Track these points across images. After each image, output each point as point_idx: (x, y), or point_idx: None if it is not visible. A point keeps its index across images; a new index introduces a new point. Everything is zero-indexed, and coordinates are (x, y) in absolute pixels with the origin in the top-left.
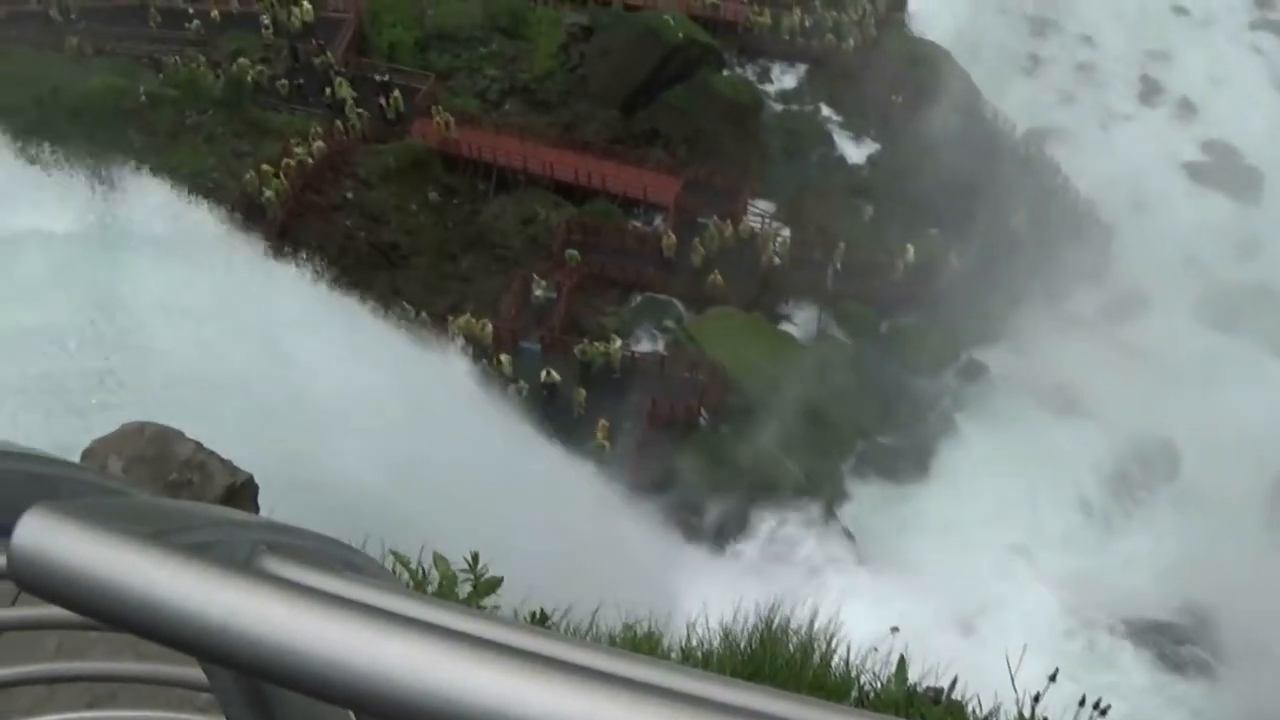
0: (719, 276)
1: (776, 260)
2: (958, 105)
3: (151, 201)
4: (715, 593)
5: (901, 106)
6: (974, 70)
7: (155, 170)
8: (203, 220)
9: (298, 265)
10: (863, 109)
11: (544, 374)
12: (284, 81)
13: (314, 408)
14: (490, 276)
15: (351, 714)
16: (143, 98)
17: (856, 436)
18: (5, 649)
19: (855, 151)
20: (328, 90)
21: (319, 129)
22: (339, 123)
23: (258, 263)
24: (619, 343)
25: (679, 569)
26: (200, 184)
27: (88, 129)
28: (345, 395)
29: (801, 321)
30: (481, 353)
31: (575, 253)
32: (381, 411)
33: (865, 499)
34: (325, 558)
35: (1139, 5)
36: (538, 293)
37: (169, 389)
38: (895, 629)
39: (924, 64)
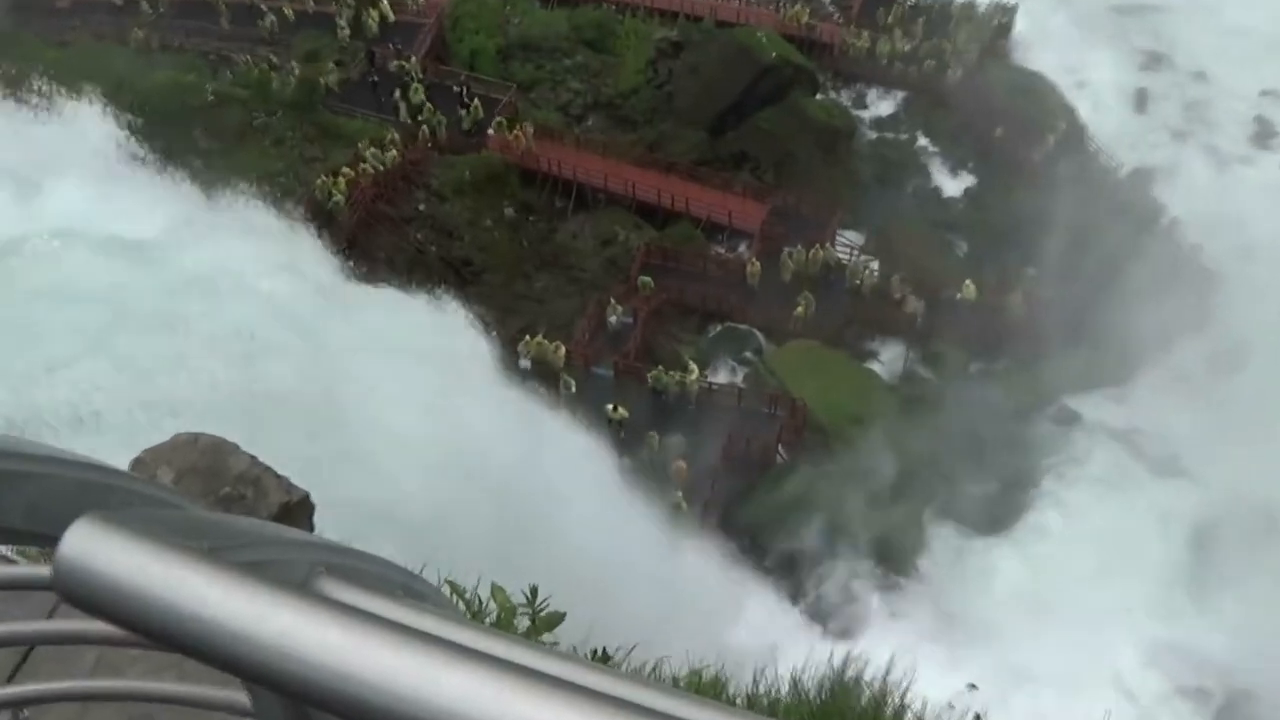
0: (803, 308)
1: (864, 294)
2: (1061, 140)
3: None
4: (784, 639)
5: (1002, 139)
6: (1079, 104)
7: (223, 173)
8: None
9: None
10: (961, 140)
11: (610, 409)
12: (359, 86)
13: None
14: (564, 298)
15: None
16: (210, 96)
17: (940, 483)
18: (40, 663)
19: (951, 184)
20: (403, 96)
21: (393, 136)
22: (420, 130)
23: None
24: (695, 373)
25: (748, 613)
26: (269, 188)
27: (151, 126)
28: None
29: (887, 359)
30: (551, 376)
31: (649, 280)
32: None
33: (946, 549)
34: (385, 582)
35: (1256, 42)
36: (613, 318)
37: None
38: (973, 686)
39: (1027, 95)
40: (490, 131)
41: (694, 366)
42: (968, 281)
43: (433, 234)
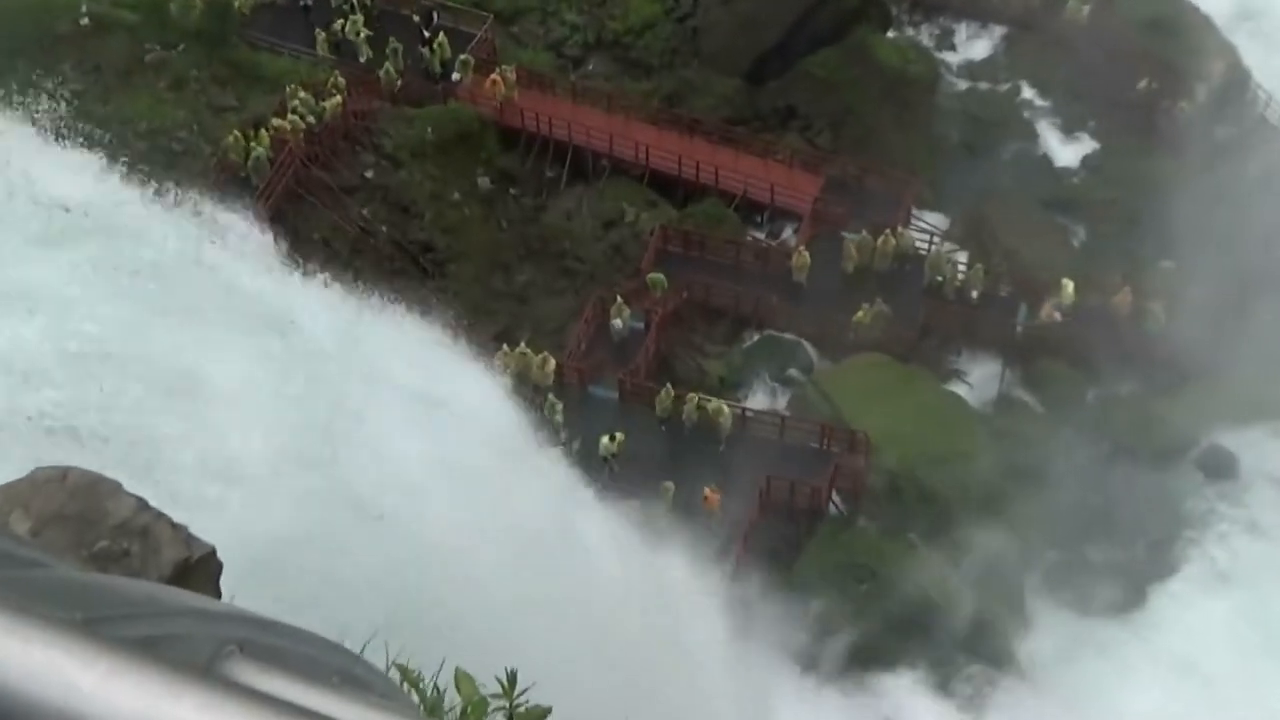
0: (867, 312)
1: (946, 294)
2: (1216, 91)
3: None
4: None
5: (1136, 91)
6: (1243, 41)
7: (100, 123)
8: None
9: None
10: (1079, 91)
11: (606, 441)
12: (287, 12)
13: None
14: (554, 297)
15: None
16: (85, 20)
17: (1047, 545)
18: None
19: (1065, 150)
20: (344, 27)
21: (334, 80)
22: (374, 74)
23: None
24: (722, 405)
25: (789, 712)
26: (165, 145)
27: (1, 58)
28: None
29: (978, 381)
30: (536, 396)
31: (660, 277)
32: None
33: (1057, 632)
34: (316, 666)
35: None
36: (618, 323)
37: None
38: None
39: (1170, 31)
40: (459, 77)
41: (721, 385)
42: (1066, 281)
43: (384, 210)
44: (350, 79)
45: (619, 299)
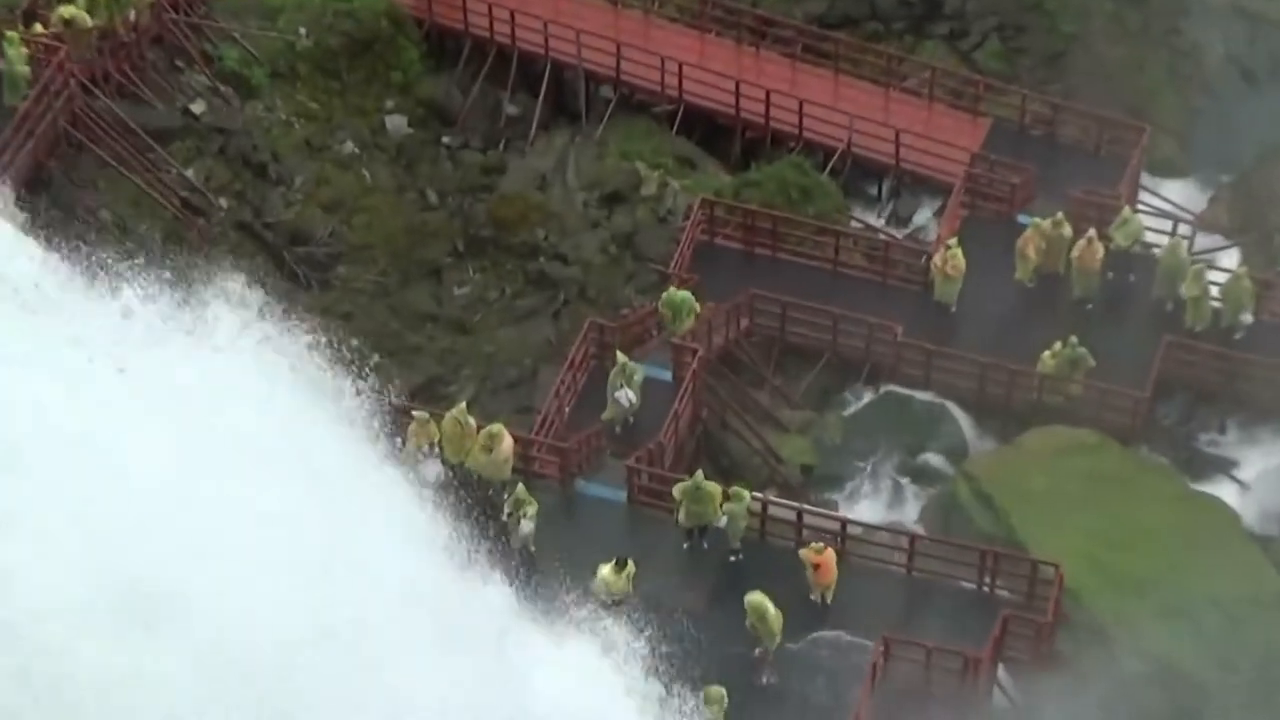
0: (1059, 354)
1: (1197, 324)
2: None
3: None
4: None
5: None
6: None
7: None
8: None
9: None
10: None
11: (606, 574)
12: None
13: None
14: (518, 324)
15: None
16: None
17: None
18: None
19: None
20: None
21: None
22: None
23: None
24: (798, 511)
25: None
26: None
27: None
28: None
29: (1258, 479)
30: (482, 495)
31: (687, 298)
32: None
33: None
34: None
35: None
36: (625, 394)
37: None
38: None
39: None
40: None
41: (806, 480)
42: None
43: (224, 169)
44: None
45: (626, 329)
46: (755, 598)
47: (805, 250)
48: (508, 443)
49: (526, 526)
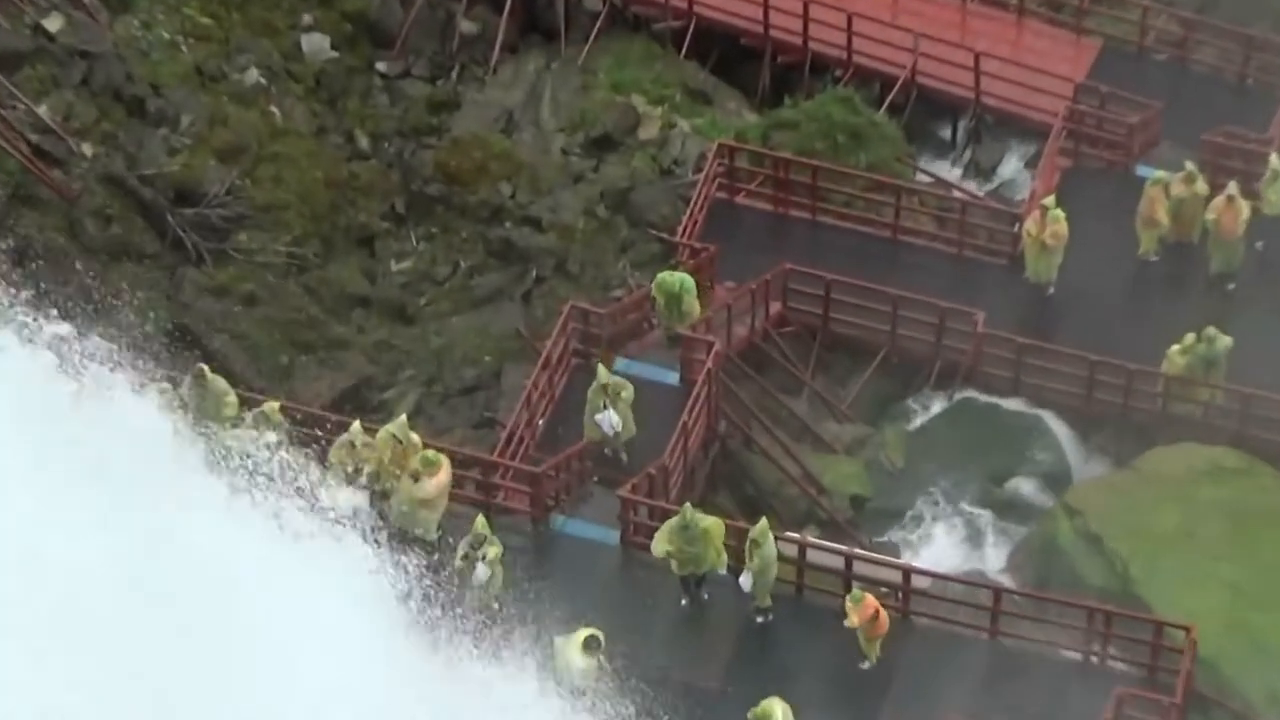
0: (1191, 348)
1: None
2: None
3: None
4: None
5: None
6: None
7: None
8: None
9: None
10: None
11: (578, 658)
12: None
13: None
14: (474, 311)
15: None
16: None
17: None
18: None
19: None
20: None
21: None
22: None
23: None
24: (843, 552)
25: None
26: None
27: None
28: None
29: None
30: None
31: (681, 277)
32: None
33: None
34: None
35: None
36: (608, 416)
37: None
38: None
39: None
40: None
41: (855, 514)
42: None
43: (86, 106)
44: None
45: (622, 304)
46: (765, 707)
47: (856, 212)
48: (443, 477)
49: (483, 573)
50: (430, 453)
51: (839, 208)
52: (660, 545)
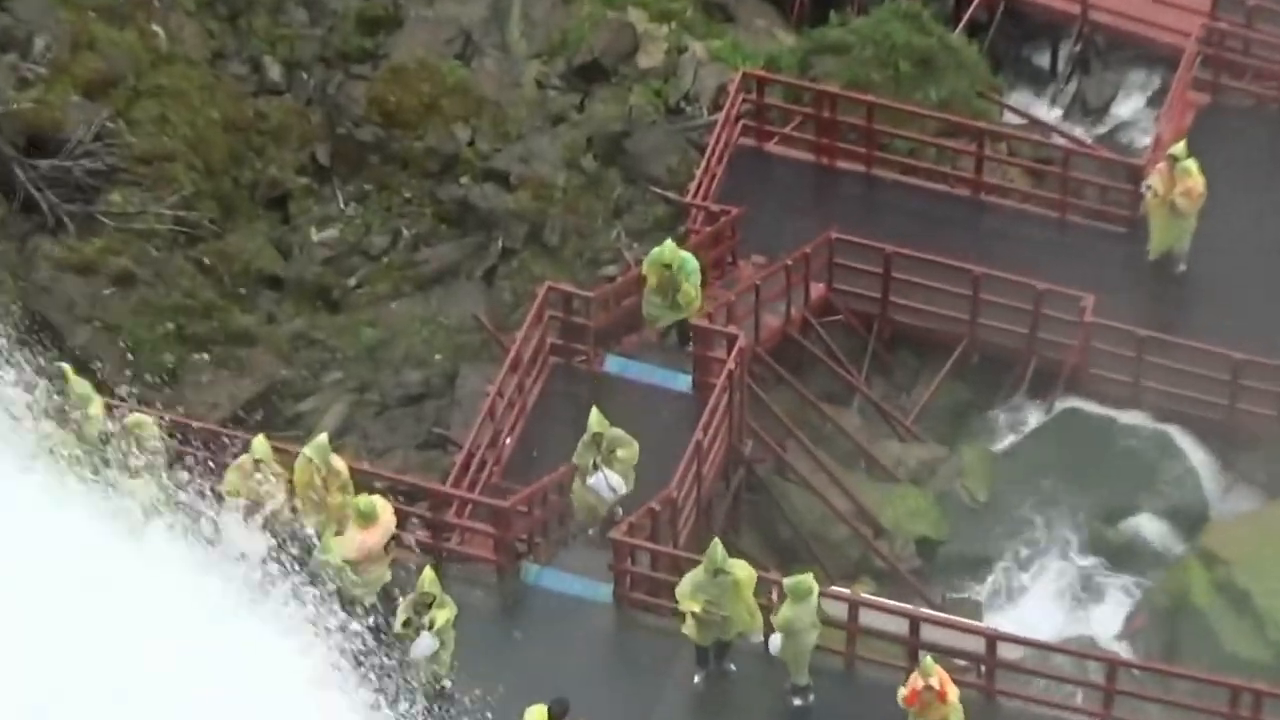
0: None
1: None
2: None
3: None
4: None
5: None
6: None
7: None
8: None
9: None
10: None
11: None
12: None
13: None
14: (421, 290)
15: None
16: None
17: None
18: None
19: None
20: None
21: None
22: None
23: None
24: (912, 612)
25: None
26: None
27: None
28: None
29: None
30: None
31: (685, 257)
32: None
33: None
34: None
35: None
36: (601, 478)
37: None
38: None
39: None
40: None
41: (924, 562)
42: None
43: None
44: None
45: (613, 324)
46: None
47: (924, 163)
48: (384, 522)
49: (429, 644)
50: (365, 500)
51: (902, 158)
52: (688, 601)
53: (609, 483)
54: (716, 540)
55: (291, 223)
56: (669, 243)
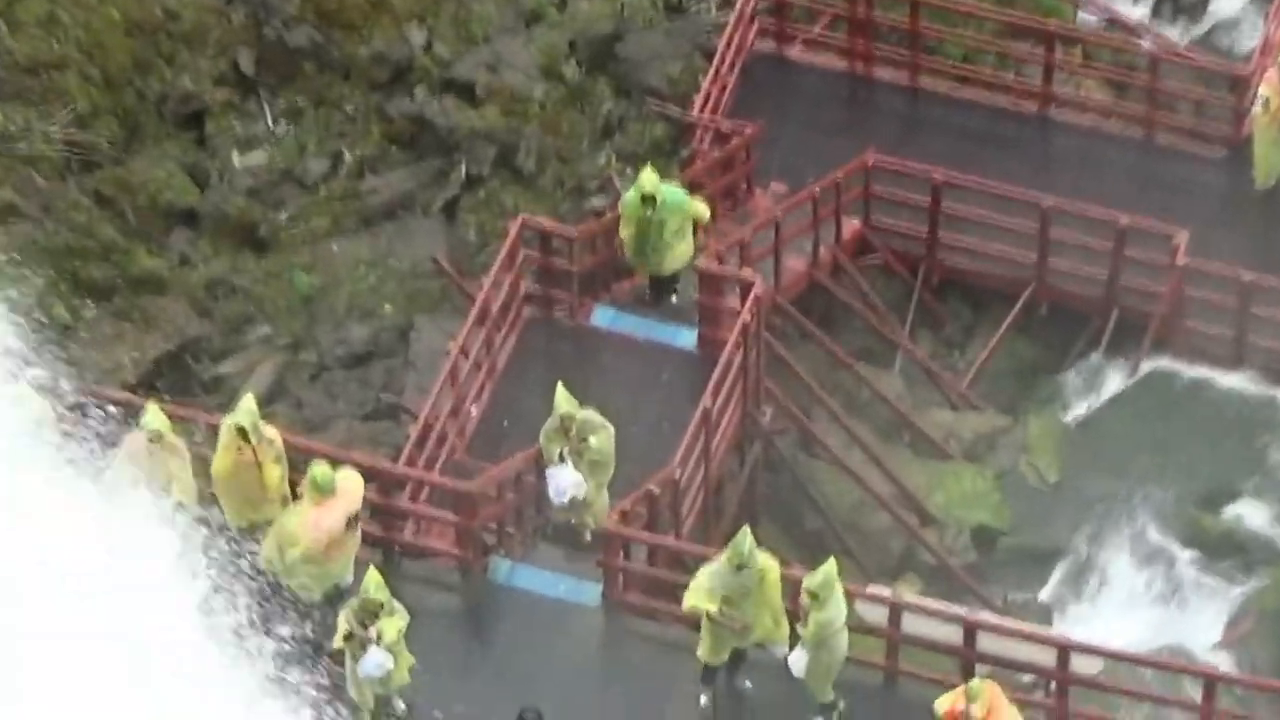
0: None
1: None
2: None
3: None
4: None
5: None
6: None
7: None
8: None
9: None
10: None
11: None
12: None
13: None
14: (367, 226)
15: None
16: None
17: None
18: None
19: None
20: None
21: None
22: None
23: None
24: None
25: None
26: None
27: None
28: None
29: None
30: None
31: (673, 191)
32: None
33: None
34: None
35: None
36: (562, 472)
37: None
38: None
39: None
40: None
41: (982, 557)
42: None
43: None
44: None
45: (599, 265)
46: None
47: (979, 73)
48: (345, 494)
49: (378, 662)
50: (320, 469)
51: (953, 64)
52: (701, 598)
53: (564, 480)
54: (746, 528)
55: (209, 145)
56: (654, 177)
